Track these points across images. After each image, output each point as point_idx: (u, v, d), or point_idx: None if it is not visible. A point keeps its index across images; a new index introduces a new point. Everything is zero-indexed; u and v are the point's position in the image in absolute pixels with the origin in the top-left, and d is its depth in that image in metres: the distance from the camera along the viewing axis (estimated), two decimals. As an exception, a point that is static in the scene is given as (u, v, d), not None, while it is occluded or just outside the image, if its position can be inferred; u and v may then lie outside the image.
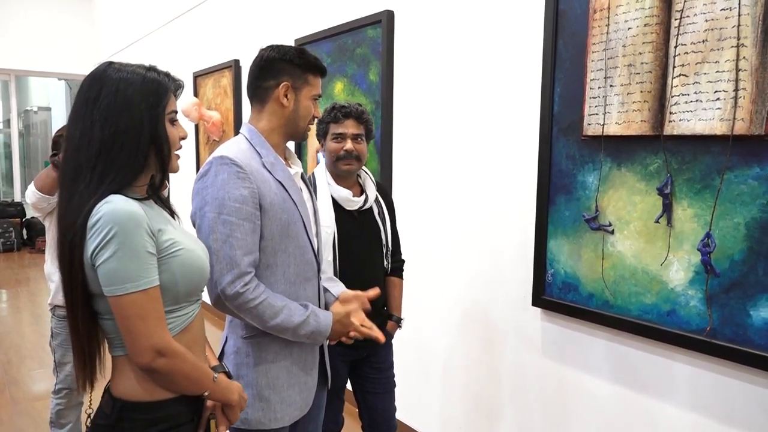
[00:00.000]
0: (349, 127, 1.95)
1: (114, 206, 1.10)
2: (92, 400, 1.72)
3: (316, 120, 1.63)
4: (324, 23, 3.33)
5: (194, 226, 1.44)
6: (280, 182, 1.45)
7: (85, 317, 1.19)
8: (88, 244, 1.10)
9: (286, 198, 1.46)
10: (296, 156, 1.61)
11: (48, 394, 2.88)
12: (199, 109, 4.51)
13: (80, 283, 1.15)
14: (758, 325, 1.57)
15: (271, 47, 1.51)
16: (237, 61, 4.40)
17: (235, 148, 1.43)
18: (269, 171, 1.45)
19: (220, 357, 1.53)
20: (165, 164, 1.22)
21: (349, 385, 2.15)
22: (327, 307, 1.58)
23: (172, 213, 1.36)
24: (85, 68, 8.59)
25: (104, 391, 1.24)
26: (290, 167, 1.55)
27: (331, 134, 1.95)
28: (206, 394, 1.24)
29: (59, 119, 11.74)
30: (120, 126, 1.15)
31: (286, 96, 1.48)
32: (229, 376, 1.38)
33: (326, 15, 3.32)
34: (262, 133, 1.49)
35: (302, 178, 1.62)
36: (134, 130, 1.16)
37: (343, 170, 1.95)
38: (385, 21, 2.83)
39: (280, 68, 1.47)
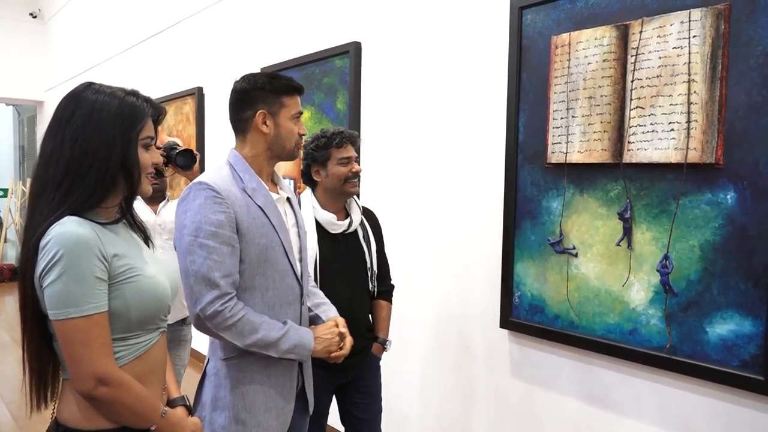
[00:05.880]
0: (351, 151, 2.00)
1: (64, 229, 1.09)
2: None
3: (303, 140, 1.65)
4: (291, 53, 3.38)
5: (175, 248, 1.45)
6: (260, 207, 1.48)
7: (35, 335, 1.17)
8: (38, 265, 1.09)
9: (265, 223, 1.48)
10: (283, 181, 1.66)
11: None
12: (160, 135, 4.46)
13: (31, 300, 1.13)
14: (714, 341, 1.67)
15: (244, 78, 1.55)
16: (200, 89, 4.39)
17: (216, 174, 1.48)
18: (250, 196, 1.48)
19: (202, 378, 1.53)
20: (134, 188, 1.22)
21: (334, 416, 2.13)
22: None
23: (147, 239, 1.35)
24: (34, 94, 8.35)
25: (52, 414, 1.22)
26: (278, 192, 1.59)
27: (336, 159, 1.97)
28: (153, 428, 1.20)
29: (5, 145, 11.30)
30: (90, 147, 1.15)
31: (265, 123, 1.52)
32: (189, 411, 1.35)
33: (293, 45, 3.38)
34: (246, 159, 1.53)
35: (290, 203, 1.66)
36: (105, 151, 1.16)
37: (351, 191, 2.00)
38: (352, 52, 2.91)
39: (254, 97, 1.52)
